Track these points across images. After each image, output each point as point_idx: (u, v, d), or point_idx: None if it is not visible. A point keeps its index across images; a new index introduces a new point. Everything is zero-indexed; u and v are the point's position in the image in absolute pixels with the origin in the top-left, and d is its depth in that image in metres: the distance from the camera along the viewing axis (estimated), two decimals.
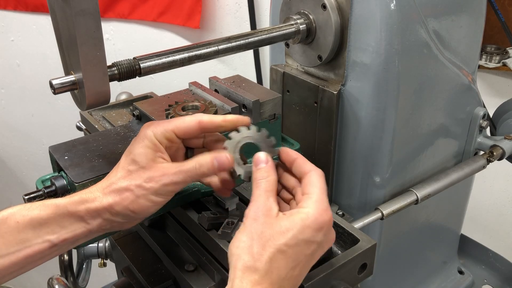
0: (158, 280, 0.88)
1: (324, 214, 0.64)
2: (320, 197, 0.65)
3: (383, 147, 0.96)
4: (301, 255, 0.63)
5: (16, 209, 0.65)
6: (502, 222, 2.37)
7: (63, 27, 0.70)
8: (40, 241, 0.65)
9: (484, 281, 1.37)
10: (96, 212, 0.66)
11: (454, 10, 0.96)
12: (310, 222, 0.63)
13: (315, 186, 0.66)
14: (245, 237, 0.63)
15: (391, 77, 0.90)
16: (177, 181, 0.68)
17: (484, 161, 1.11)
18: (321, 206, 0.64)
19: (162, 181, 0.67)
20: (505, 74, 2.06)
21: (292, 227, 0.62)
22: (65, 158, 0.83)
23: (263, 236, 0.62)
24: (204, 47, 0.84)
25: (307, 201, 0.65)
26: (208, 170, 0.69)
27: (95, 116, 1.07)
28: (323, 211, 0.64)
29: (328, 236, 0.66)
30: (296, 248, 0.62)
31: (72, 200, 0.67)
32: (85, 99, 0.70)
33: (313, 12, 0.94)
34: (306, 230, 0.62)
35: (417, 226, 1.18)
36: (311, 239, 0.63)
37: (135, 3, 2.41)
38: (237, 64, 2.39)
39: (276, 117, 0.93)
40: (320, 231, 0.63)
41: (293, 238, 0.62)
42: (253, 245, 0.61)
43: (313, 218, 0.63)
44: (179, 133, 0.71)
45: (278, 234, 0.62)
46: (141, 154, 0.68)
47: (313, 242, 0.63)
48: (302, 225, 0.62)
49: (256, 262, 0.60)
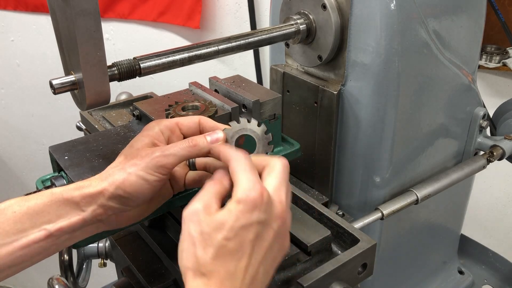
0: (158, 280, 0.88)
1: (251, 192, 0.60)
2: (243, 178, 0.62)
3: (383, 147, 0.96)
4: (244, 243, 0.60)
5: (14, 201, 0.66)
6: (502, 222, 2.37)
7: (63, 27, 0.70)
8: (36, 231, 0.64)
9: (484, 281, 1.37)
10: (91, 197, 0.66)
11: (454, 10, 0.96)
12: (241, 207, 0.59)
13: (236, 171, 0.63)
14: (185, 243, 0.60)
15: (391, 77, 0.90)
16: (168, 154, 0.66)
17: (484, 161, 1.11)
18: (245, 186, 0.61)
19: (153, 155, 0.66)
20: (505, 74, 2.06)
21: (226, 219, 0.60)
22: (65, 158, 0.83)
23: (202, 237, 0.60)
24: (204, 47, 0.84)
25: (234, 190, 0.62)
26: (201, 143, 0.68)
27: (95, 116, 1.07)
28: (250, 189, 0.60)
29: (270, 211, 0.61)
30: (236, 237, 0.59)
31: (68, 187, 0.67)
32: (85, 99, 0.70)
33: (313, 12, 0.94)
34: (239, 215, 0.59)
35: (417, 226, 1.18)
36: (248, 221, 0.59)
37: (135, 3, 2.42)
38: (237, 64, 2.39)
39: (276, 117, 0.93)
40: (253, 210, 0.60)
41: (230, 230, 0.59)
42: (196, 249, 0.59)
43: (242, 201, 0.60)
44: (182, 126, 0.72)
45: (215, 230, 0.59)
46: (138, 140, 0.69)
47: (251, 225, 0.60)
48: (235, 213, 0.60)
49: (201, 267, 0.59)
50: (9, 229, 0.64)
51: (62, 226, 0.65)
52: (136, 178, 0.66)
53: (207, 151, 0.68)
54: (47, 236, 0.65)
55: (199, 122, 0.72)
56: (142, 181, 0.66)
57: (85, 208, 0.66)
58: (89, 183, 0.67)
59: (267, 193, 0.61)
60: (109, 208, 0.67)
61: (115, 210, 0.68)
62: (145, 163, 0.66)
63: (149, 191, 0.67)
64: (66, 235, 0.67)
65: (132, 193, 0.66)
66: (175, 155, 0.67)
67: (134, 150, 0.68)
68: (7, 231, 0.64)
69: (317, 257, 0.78)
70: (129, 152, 0.69)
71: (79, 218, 0.66)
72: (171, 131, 0.72)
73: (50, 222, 0.65)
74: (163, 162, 0.66)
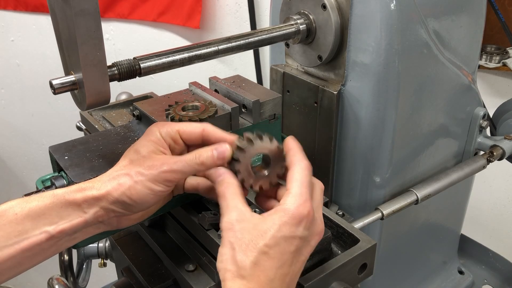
0: (158, 280, 0.88)
1: (301, 207, 0.63)
2: (298, 191, 0.64)
3: (383, 147, 0.96)
4: (285, 254, 0.62)
5: (15, 202, 0.66)
6: (502, 222, 2.37)
7: (63, 27, 0.70)
8: (38, 232, 0.64)
9: (484, 281, 1.37)
10: (94, 200, 0.66)
11: (454, 10, 0.96)
12: (287, 219, 0.62)
13: (295, 180, 0.65)
14: (225, 249, 0.62)
15: (391, 77, 0.90)
16: (176, 169, 0.67)
17: (484, 161, 1.11)
18: (298, 201, 0.63)
19: (161, 168, 0.67)
20: (505, 74, 2.06)
21: (270, 227, 0.62)
22: (65, 158, 0.83)
23: (242, 242, 0.61)
24: (204, 47, 0.84)
25: (285, 198, 0.64)
26: (207, 158, 0.68)
27: (95, 116, 1.07)
28: (301, 205, 0.63)
29: (312, 229, 0.64)
30: (278, 247, 0.61)
31: (70, 189, 0.67)
32: (85, 99, 0.70)
33: (313, 12, 0.94)
34: (283, 227, 0.62)
35: (417, 226, 1.18)
36: (291, 234, 0.62)
37: (135, 3, 2.42)
38: (237, 64, 2.39)
39: (276, 117, 0.93)
40: (299, 225, 0.62)
41: (272, 238, 0.61)
42: (235, 254, 0.61)
43: (290, 214, 0.62)
44: (183, 134, 0.71)
45: (257, 237, 0.61)
46: (144, 146, 0.69)
47: (294, 238, 0.62)
48: (279, 223, 0.62)
49: (241, 270, 0.60)
50: (11, 231, 0.64)
51: (63, 228, 0.65)
52: (142, 188, 0.66)
53: (214, 165, 0.69)
54: (49, 238, 0.65)
55: (202, 132, 0.71)
56: (148, 191, 0.66)
57: (87, 210, 0.66)
58: (91, 185, 0.67)
59: (313, 212, 0.64)
60: (111, 211, 0.67)
61: (117, 213, 0.68)
62: (152, 176, 0.66)
63: (153, 200, 0.68)
64: (67, 236, 0.67)
65: (137, 200, 0.67)
66: (182, 172, 0.68)
67: (141, 157, 0.68)
68: (8, 233, 0.63)
69: (317, 257, 0.78)
70: (135, 158, 0.69)
71: (80, 220, 0.66)
72: (172, 139, 0.71)
73: (52, 224, 0.65)
74: (170, 177, 0.67)
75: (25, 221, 0.64)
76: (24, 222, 0.64)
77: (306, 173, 0.66)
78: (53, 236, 0.65)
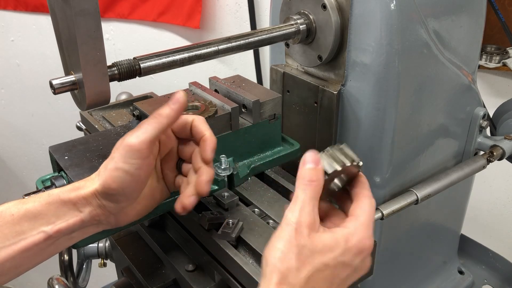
0: (158, 280, 0.88)
1: (367, 239, 0.63)
2: (367, 222, 0.64)
3: (383, 147, 0.96)
4: (336, 277, 0.62)
5: (12, 203, 0.66)
6: (502, 222, 2.37)
7: (63, 27, 0.70)
8: (35, 233, 0.65)
9: (484, 281, 1.37)
10: (86, 199, 0.66)
11: (454, 10, 0.96)
12: (352, 245, 0.62)
13: (365, 211, 0.65)
14: (283, 246, 0.60)
15: (391, 77, 0.90)
16: (137, 135, 0.66)
17: (484, 161, 1.11)
18: (366, 232, 0.63)
19: (123, 142, 0.66)
20: (505, 74, 2.06)
21: (334, 247, 0.61)
22: (65, 158, 0.83)
23: (303, 251, 0.60)
24: (204, 47, 0.84)
25: (353, 222, 0.63)
26: (163, 111, 0.68)
27: (95, 116, 1.07)
28: (367, 237, 0.63)
29: (365, 262, 0.64)
30: (334, 269, 0.61)
31: (65, 189, 0.67)
32: (85, 99, 0.70)
33: (313, 12, 0.94)
34: (346, 252, 0.61)
35: (417, 226, 1.18)
36: (349, 262, 0.62)
37: (135, 3, 2.42)
38: (237, 64, 2.39)
39: (276, 117, 0.93)
40: (359, 255, 0.62)
41: (333, 259, 0.61)
42: (291, 258, 0.59)
43: (356, 241, 0.62)
44: (173, 126, 0.72)
45: (319, 253, 0.60)
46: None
47: (350, 266, 0.62)
48: (344, 247, 0.61)
49: (292, 278, 0.59)
50: (8, 232, 0.64)
51: (60, 227, 0.65)
52: (116, 172, 0.65)
53: (174, 116, 0.68)
54: (46, 238, 0.65)
55: (191, 123, 0.72)
56: (121, 173, 0.65)
57: (83, 209, 0.66)
58: (84, 184, 0.67)
59: (372, 247, 0.64)
60: (105, 208, 0.67)
61: (111, 209, 0.68)
62: (119, 154, 0.66)
63: (133, 182, 0.67)
64: (64, 236, 0.67)
65: (118, 188, 0.66)
66: (145, 133, 0.66)
67: (115, 149, 0.68)
68: (5, 234, 0.64)
69: None
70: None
71: (77, 219, 0.66)
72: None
73: (49, 224, 0.65)
74: (135, 146, 0.65)
75: (22, 222, 0.64)
76: (21, 223, 0.64)
77: (373, 211, 0.66)
78: (51, 236, 0.65)
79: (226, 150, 0.87)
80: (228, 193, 0.84)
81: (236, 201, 0.83)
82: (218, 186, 0.85)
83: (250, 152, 0.92)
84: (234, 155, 0.90)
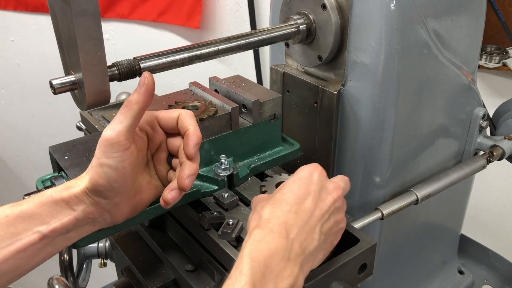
0: (158, 280, 0.88)
1: (306, 168, 0.73)
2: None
3: (383, 147, 0.96)
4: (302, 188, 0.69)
5: (6, 206, 0.66)
6: (502, 222, 2.37)
7: (63, 27, 0.69)
8: (30, 233, 0.65)
9: (484, 281, 1.37)
10: (77, 197, 0.66)
11: (454, 10, 0.96)
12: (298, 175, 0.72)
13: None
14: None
15: (391, 77, 0.90)
16: (112, 128, 0.66)
17: (484, 161, 1.11)
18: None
19: (102, 137, 0.66)
20: (505, 74, 2.06)
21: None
22: (65, 158, 0.83)
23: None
24: (204, 47, 0.84)
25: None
26: (132, 97, 0.68)
27: (95, 116, 1.07)
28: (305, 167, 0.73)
29: (325, 183, 0.71)
30: (293, 184, 0.70)
31: (58, 188, 0.67)
32: (85, 99, 0.70)
33: (313, 12, 0.94)
34: (297, 177, 0.71)
35: (417, 226, 1.18)
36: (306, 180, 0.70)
37: (135, 3, 2.42)
38: (237, 64, 2.39)
39: (276, 117, 0.93)
40: (310, 176, 0.70)
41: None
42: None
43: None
44: (161, 121, 0.73)
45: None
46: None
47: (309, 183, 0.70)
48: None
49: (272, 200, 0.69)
50: (3, 233, 0.64)
51: (55, 227, 0.65)
52: (100, 168, 0.65)
53: (144, 100, 0.68)
54: (41, 238, 0.65)
55: (178, 117, 0.72)
56: (106, 168, 0.65)
57: (76, 208, 0.66)
58: (75, 183, 0.67)
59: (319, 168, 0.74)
60: (98, 205, 0.67)
61: (104, 205, 0.68)
62: (100, 150, 0.66)
63: (119, 177, 0.66)
64: (60, 236, 0.67)
65: (105, 184, 0.66)
66: (119, 124, 0.66)
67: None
68: (1, 236, 0.64)
69: None
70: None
71: (71, 218, 0.66)
72: (151, 126, 0.72)
73: (43, 224, 0.65)
74: (112, 139, 0.65)
75: (16, 223, 0.65)
76: (16, 224, 0.64)
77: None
78: (46, 236, 0.65)
79: (226, 150, 0.87)
80: (228, 193, 0.84)
81: (236, 201, 0.83)
82: (218, 186, 0.85)
83: (250, 152, 0.92)
84: (234, 155, 0.90)
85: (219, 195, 0.83)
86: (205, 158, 0.86)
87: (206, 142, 0.85)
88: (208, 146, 0.86)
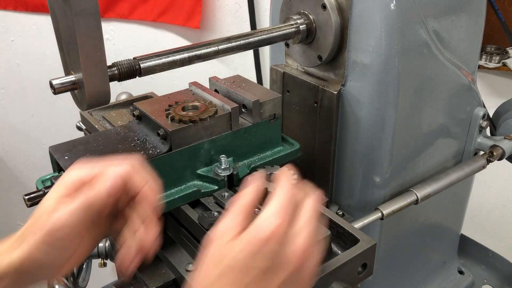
0: (158, 280, 0.88)
1: (262, 224, 0.50)
2: (274, 206, 0.53)
3: (383, 147, 0.96)
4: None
5: None
6: (502, 222, 2.37)
7: (63, 27, 0.70)
8: None
9: (484, 281, 1.37)
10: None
11: (454, 10, 0.96)
12: (242, 246, 0.50)
13: (276, 195, 0.56)
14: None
15: (391, 77, 0.90)
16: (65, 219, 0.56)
17: (484, 161, 1.11)
18: (261, 219, 0.51)
19: (47, 223, 0.57)
20: (505, 74, 2.06)
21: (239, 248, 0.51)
22: (65, 158, 0.83)
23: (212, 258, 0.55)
24: (204, 47, 0.84)
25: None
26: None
27: (95, 116, 1.07)
28: (263, 221, 0.50)
29: (283, 252, 0.51)
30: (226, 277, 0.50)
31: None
32: (85, 99, 0.70)
33: (313, 12, 0.94)
34: (238, 255, 0.50)
35: (417, 226, 1.18)
36: (248, 265, 0.50)
37: (135, 3, 2.42)
38: (237, 64, 2.39)
39: (276, 117, 0.93)
40: (257, 254, 0.49)
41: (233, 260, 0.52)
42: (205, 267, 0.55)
43: (246, 239, 0.50)
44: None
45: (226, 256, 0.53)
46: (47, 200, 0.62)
47: (252, 268, 0.50)
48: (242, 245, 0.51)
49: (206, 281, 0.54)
50: None
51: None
52: (40, 255, 0.56)
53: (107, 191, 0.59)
54: None
55: (123, 178, 0.61)
56: (49, 249, 0.56)
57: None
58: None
59: (279, 227, 0.54)
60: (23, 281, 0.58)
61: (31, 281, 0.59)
62: (34, 240, 0.55)
63: (59, 261, 0.59)
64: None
65: (37, 272, 0.58)
66: (70, 214, 0.56)
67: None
68: None
69: None
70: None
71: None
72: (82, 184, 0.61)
73: None
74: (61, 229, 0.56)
75: None
76: None
77: (285, 190, 0.57)
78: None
79: (226, 150, 0.87)
80: (228, 193, 0.84)
81: None
82: (218, 186, 0.85)
83: (250, 152, 0.92)
84: (234, 155, 0.90)
85: (219, 195, 0.83)
86: (205, 158, 0.86)
87: (206, 142, 0.85)
88: (208, 146, 0.86)
